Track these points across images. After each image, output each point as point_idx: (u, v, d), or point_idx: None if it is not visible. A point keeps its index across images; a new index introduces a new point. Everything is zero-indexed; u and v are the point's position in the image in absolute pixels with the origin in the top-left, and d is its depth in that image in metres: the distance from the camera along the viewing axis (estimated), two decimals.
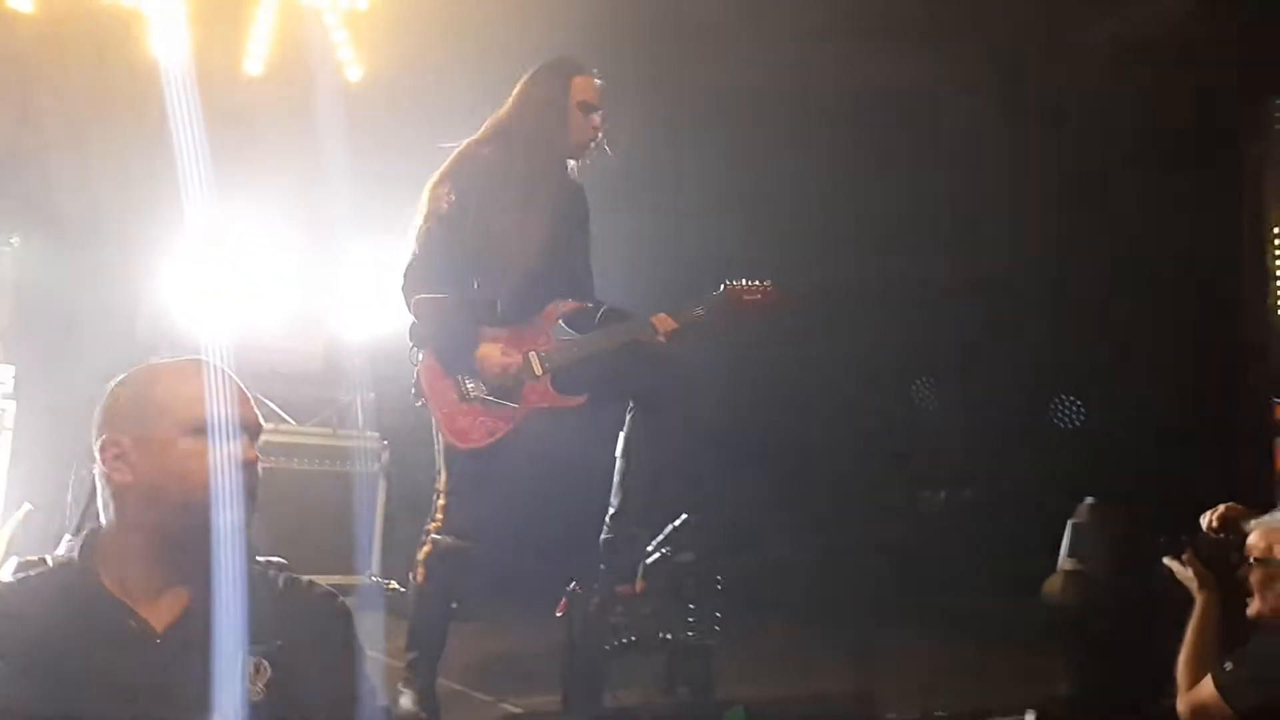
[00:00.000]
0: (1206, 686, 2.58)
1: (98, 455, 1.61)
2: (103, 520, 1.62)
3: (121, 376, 1.66)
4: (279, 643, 1.58)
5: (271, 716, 1.54)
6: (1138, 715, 3.15)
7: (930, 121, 5.86)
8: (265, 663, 1.56)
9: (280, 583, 1.69)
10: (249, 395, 1.66)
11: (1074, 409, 6.20)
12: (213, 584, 1.54)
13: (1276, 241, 5.56)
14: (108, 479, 1.60)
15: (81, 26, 5.17)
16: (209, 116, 3.72)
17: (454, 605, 3.30)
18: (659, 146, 5.25)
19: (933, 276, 6.18)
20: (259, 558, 1.70)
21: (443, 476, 3.27)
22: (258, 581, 1.62)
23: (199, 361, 1.66)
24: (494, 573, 3.44)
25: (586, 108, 3.38)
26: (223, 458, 1.57)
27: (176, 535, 1.57)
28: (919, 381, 6.78)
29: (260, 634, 1.56)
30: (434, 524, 3.25)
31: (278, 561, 1.88)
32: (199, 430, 1.58)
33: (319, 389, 5.57)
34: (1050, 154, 5.88)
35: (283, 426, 5.34)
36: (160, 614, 1.57)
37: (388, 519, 5.32)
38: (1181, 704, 2.64)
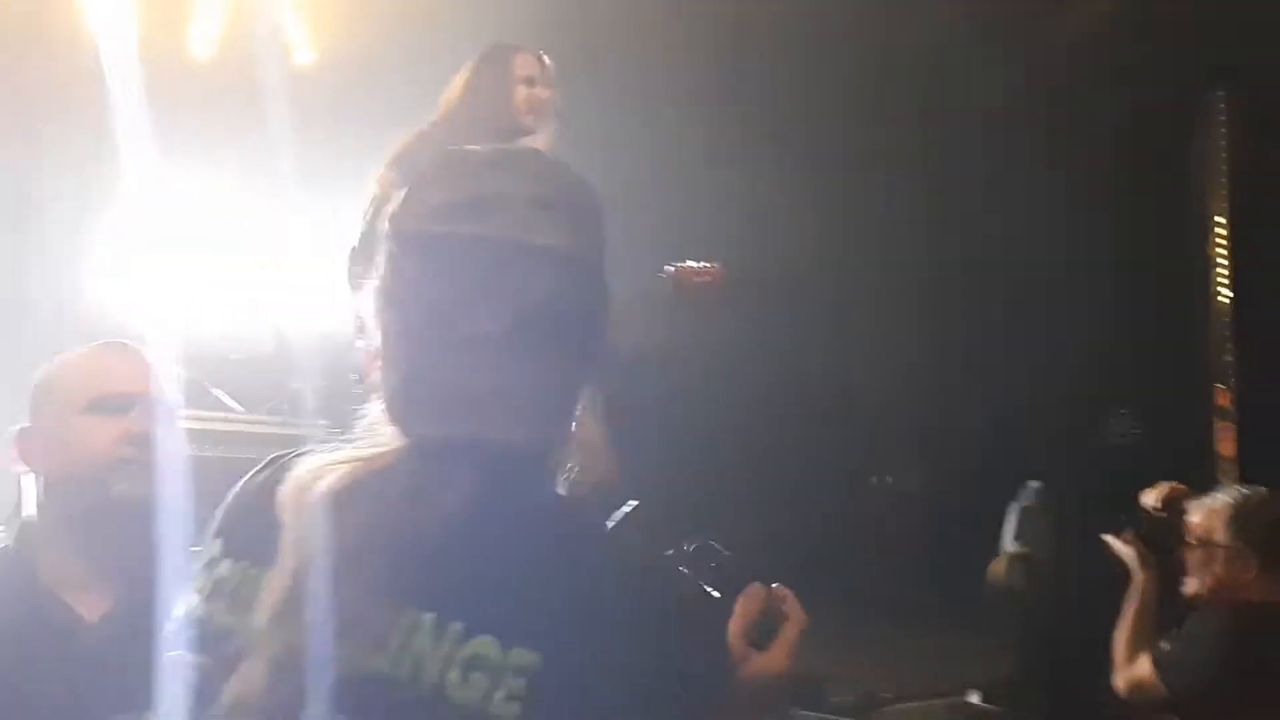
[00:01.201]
0: (1144, 663, 2.63)
1: (9, 445, 1.59)
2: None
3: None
4: None
5: None
6: (1079, 694, 3.20)
7: (883, 115, 5.87)
8: None
9: None
10: (153, 370, 1.59)
11: (1020, 393, 6.27)
12: (147, 571, 1.51)
13: (1218, 231, 5.67)
14: (25, 468, 1.59)
15: (16, 5, 5.05)
16: (152, 100, 3.64)
17: None
18: (627, 133, 5.20)
19: (899, 267, 6.22)
20: None
21: None
22: None
23: (110, 343, 1.63)
24: None
25: (529, 82, 3.42)
26: (112, 433, 1.53)
27: (83, 517, 1.55)
28: (881, 369, 6.81)
29: None
30: None
31: None
32: (89, 408, 1.55)
33: (270, 376, 5.49)
34: (995, 145, 5.92)
35: (232, 415, 5.25)
36: (93, 603, 1.54)
37: None
38: (1119, 679, 2.69)
